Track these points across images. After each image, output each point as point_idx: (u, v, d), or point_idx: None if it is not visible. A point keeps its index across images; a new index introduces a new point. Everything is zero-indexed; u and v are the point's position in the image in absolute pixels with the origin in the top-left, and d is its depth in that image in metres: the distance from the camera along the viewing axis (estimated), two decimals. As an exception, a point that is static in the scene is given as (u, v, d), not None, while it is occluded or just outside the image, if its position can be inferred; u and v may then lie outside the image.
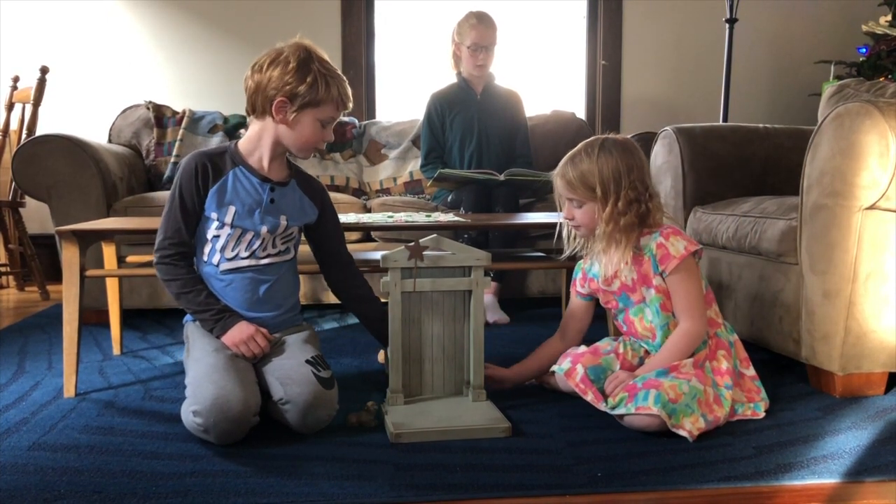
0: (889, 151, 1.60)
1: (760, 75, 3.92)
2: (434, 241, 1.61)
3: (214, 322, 1.56)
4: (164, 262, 1.59)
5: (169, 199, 1.60)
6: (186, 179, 1.57)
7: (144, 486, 1.24)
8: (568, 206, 1.66)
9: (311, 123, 1.57)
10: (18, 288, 3.46)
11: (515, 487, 1.24)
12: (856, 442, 1.43)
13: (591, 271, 1.72)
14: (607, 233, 1.60)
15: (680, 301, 1.60)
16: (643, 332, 1.67)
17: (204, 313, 1.57)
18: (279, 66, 1.52)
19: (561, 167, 1.65)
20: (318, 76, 1.53)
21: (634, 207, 1.59)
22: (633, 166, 1.60)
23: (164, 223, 1.60)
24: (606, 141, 1.62)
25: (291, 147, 1.61)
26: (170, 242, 1.58)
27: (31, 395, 1.76)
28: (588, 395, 1.57)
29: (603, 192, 1.59)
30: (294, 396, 1.45)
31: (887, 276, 1.67)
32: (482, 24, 2.81)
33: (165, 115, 3.14)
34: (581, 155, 1.62)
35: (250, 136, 1.62)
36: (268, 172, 1.62)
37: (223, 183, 1.58)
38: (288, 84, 1.52)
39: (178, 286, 1.57)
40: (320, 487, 1.24)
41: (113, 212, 2.55)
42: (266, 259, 1.61)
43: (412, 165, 3.19)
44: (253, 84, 1.56)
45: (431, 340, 1.64)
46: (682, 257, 1.59)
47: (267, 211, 1.60)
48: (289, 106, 1.54)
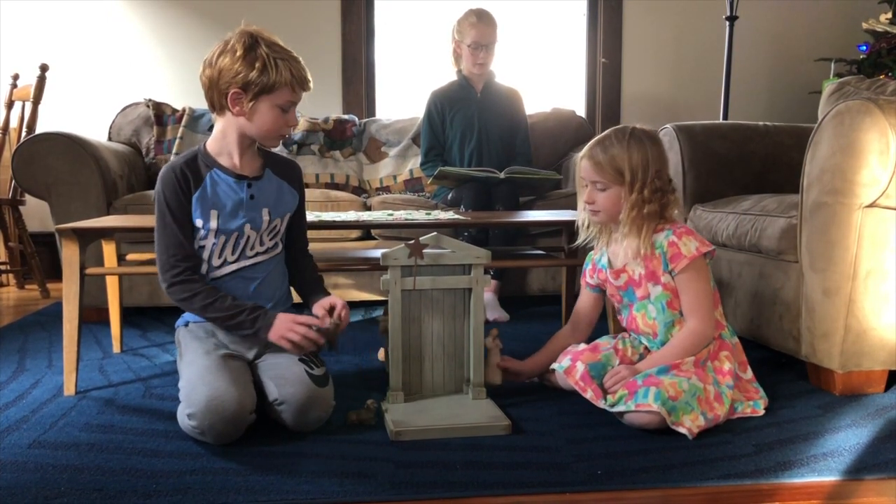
0: (889, 149, 1.60)
1: (761, 73, 3.92)
2: (434, 239, 1.61)
3: (253, 322, 1.50)
4: (177, 282, 1.52)
5: (158, 218, 1.54)
6: (171, 191, 1.53)
7: (144, 483, 1.24)
8: (590, 189, 1.65)
9: (270, 110, 1.51)
10: (18, 286, 3.46)
11: (515, 485, 1.24)
12: (855, 439, 1.43)
13: (601, 262, 1.73)
14: (631, 218, 1.60)
15: (689, 301, 1.60)
16: (644, 328, 1.67)
17: (237, 317, 1.50)
18: (227, 56, 1.48)
19: (589, 149, 1.65)
20: (268, 59, 1.47)
21: (658, 197, 1.60)
22: (659, 157, 1.62)
23: (161, 243, 1.54)
24: (636, 129, 1.63)
25: (256, 137, 1.56)
26: (175, 260, 1.52)
27: (32, 392, 1.76)
28: (587, 393, 1.57)
29: (631, 178, 1.59)
30: (288, 397, 1.44)
31: (887, 273, 1.67)
32: (482, 22, 2.81)
33: (165, 113, 3.14)
34: (612, 139, 1.62)
35: (216, 135, 1.58)
36: (240, 168, 1.58)
37: (203, 189, 1.54)
38: (238, 73, 1.47)
39: (201, 300, 1.51)
40: (320, 485, 1.24)
41: (113, 210, 2.55)
42: (254, 258, 1.59)
43: (412, 163, 3.19)
44: (206, 80, 1.52)
45: (431, 338, 1.64)
46: (693, 257, 1.59)
47: (248, 208, 1.57)
48: (244, 96, 1.49)
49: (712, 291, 1.64)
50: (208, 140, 1.60)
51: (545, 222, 2.19)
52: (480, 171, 2.67)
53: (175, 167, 1.54)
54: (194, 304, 1.52)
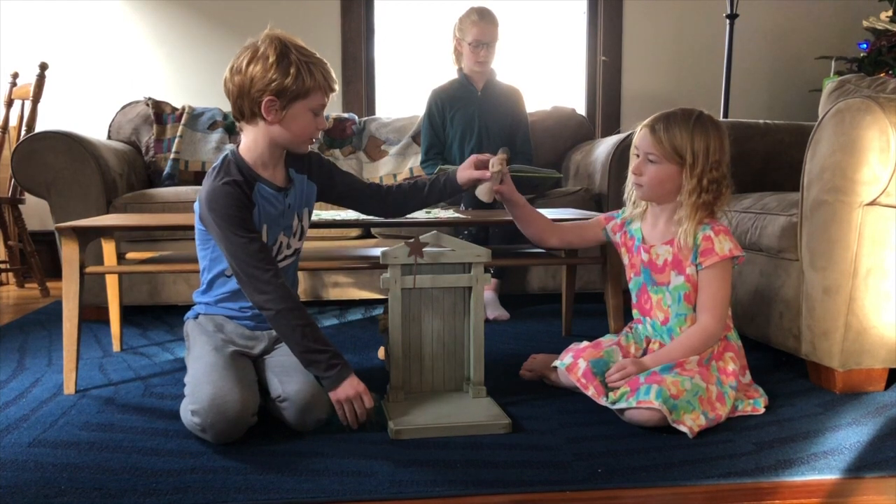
0: (889, 147, 1.60)
1: (761, 71, 3.92)
2: (434, 237, 1.61)
3: (327, 369, 1.44)
4: (281, 284, 1.44)
5: (227, 233, 1.45)
6: (236, 206, 1.46)
7: (144, 482, 1.24)
8: (642, 159, 1.62)
9: (304, 115, 1.49)
10: (18, 285, 3.46)
11: (515, 483, 1.24)
12: (856, 438, 1.43)
13: (635, 230, 1.71)
14: (689, 204, 1.58)
15: (707, 297, 1.59)
16: (657, 309, 1.66)
17: (318, 354, 1.44)
18: (259, 63, 1.44)
19: (652, 120, 1.62)
20: (301, 65, 1.45)
21: (714, 188, 1.58)
22: (721, 147, 1.59)
23: (241, 253, 1.44)
24: (703, 114, 1.61)
25: (289, 144, 1.54)
26: (265, 265, 1.44)
27: (32, 391, 1.76)
28: (589, 390, 1.57)
29: (692, 162, 1.57)
30: (292, 394, 1.45)
31: (888, 272, 1.67)
32: (483, 20, 2.81)
33: (165, 112, 3.14)
34: (678, 117, 1.59)
35: (248, 145, 1.54)
36: (276, 179, 1.56)
37: (258, 205, 1.52)
38: (273, 81, 1.44)
39: (302, 319, 1.43)
40: (320, 484, 1.24)
41: (112, 208, 2.55)
42: (284, 261, 1.61)
43: (412, 162, 3.18)
44: (235, 88, 1.48)
45: (431, 337, 1.64)
46: (724, 258, 1.58)
47: (286, 217, 1.59)
48: (277, 103, 1.46)
49: (730, 295, 1.63)
50: (240, 149, 1.55)
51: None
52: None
53: (229, 182, 1.47)
54: (295, 318, 1.44)
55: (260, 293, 1.45)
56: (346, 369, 1.45)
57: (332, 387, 1.44)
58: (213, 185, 1.49)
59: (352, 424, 1.45)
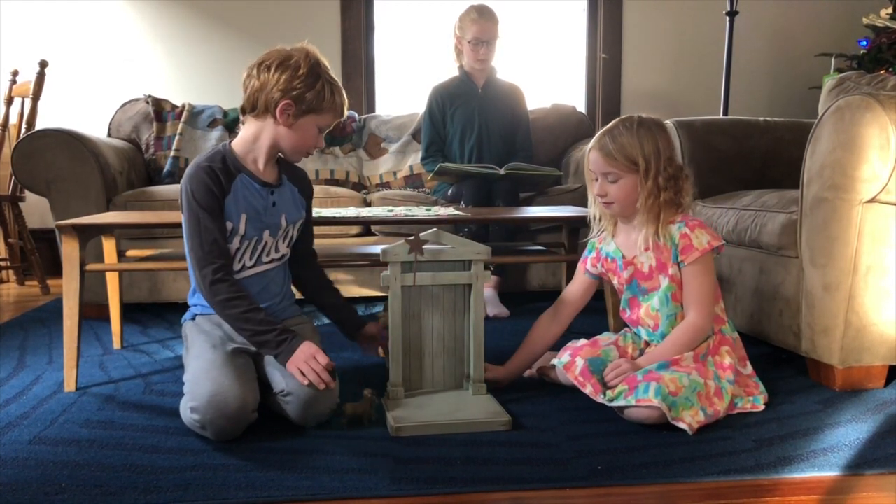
0: (889, 144, 1.60)
1: (761, 68, 3.91)
2: (434, 235, 1.61)
3: (277, 345, 1.47)
4: (218, 279, 1.49)
5: (189, 216, 1.52)
6: (203, 190, 1.51)
7: (145, 480, 1.24)
8: (601, 181, 1.63)
9: (311, 128, 1.57)
10: (18, 282, 3.46)
11: (515, 481, 1.24)
12: (856, 435, 1.44)
13: (611, 252, 1.71)
14: (648, 206, 1.59)
15: (692, 293, 1.60)
16: (646, 318, 1.66)
17: (264, 335, 1.48)
18: (289, 70, 1.51)
19: (597, 140, 1.63)
20: (326, 84, 1.54)
21: (672, 184, 1.60)
22: (669, 144, 1.62)
23: (195, 240, 1.51)
24: (643, 118, 1.62)
25: (287, 149, 1.59)
26: (212, 256, 1.50)
27: (32, 389, 1.76)
28: (587, 388, 1.57)
29: (646, 166, 1.58)
30: (295, 388, 1.45)
31: (887, 269, 1.67)
32: (483, 18, 2.80)
33: (165, 110, 3.14)
34: (619, 128, 1.61)
35: (246, 137, 1.59)
36: (263, 175, 1.60)
37: (234, 192, 1.55)
38: (296, 89, 1.51)
39: (244, 306, 1.48)
40: (320, 481, 1.24)
41: (113, 206, 2.55)
42: (269, 264, 1.62)
43: (412, 159, 3.18)
44: (257, 83, 1.54)
45: (431, 334, 1.64)
46: (704, 251, 1.59)
47: (270, 214, 1.60)
48: (293, 109, 1.53)
49: (715, 286, 1.64)
50: (234, 141, 1.61)
51: (545, 218, 2.19)
52: (481, 167, 2.67)
53: (205, 166, 1.53)
54: (237, 306, 1.49)
55: (203, 279, 1.50)
56: (296, 340, 1.48)
57: (287, 358, 1.47)
58: (192, 166, 1.56)
59: (317, 385, 1.44)
